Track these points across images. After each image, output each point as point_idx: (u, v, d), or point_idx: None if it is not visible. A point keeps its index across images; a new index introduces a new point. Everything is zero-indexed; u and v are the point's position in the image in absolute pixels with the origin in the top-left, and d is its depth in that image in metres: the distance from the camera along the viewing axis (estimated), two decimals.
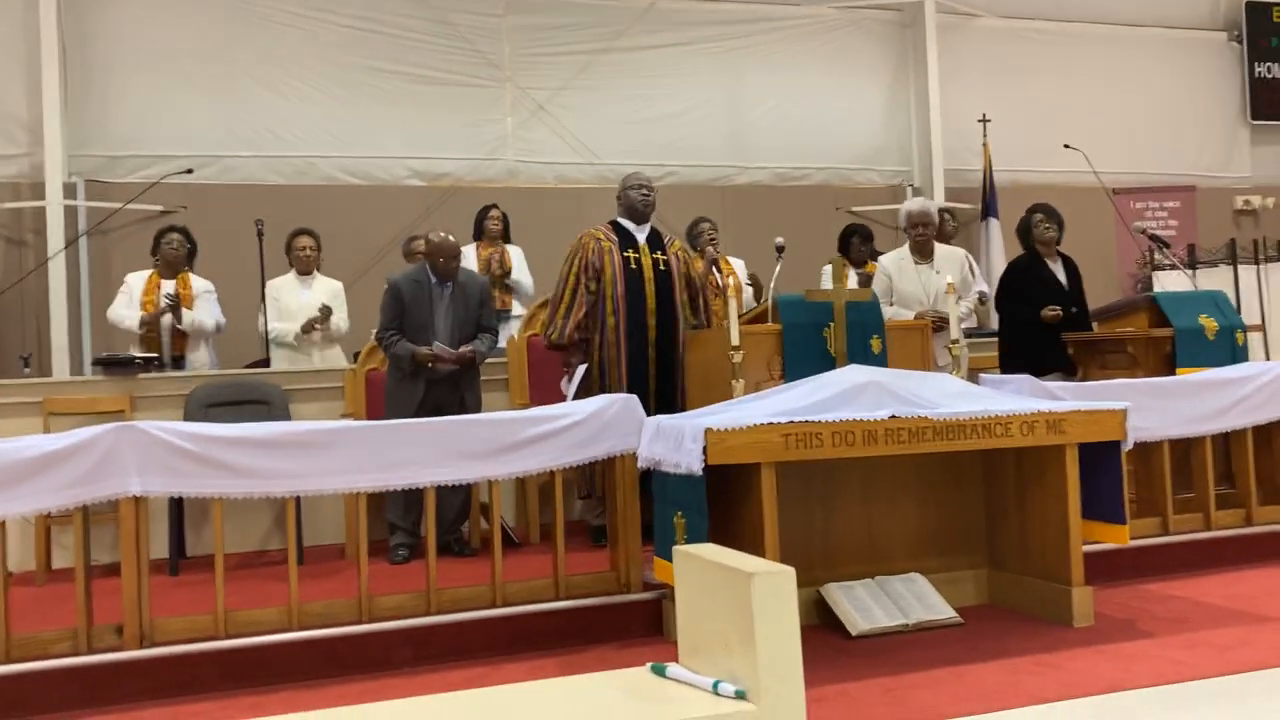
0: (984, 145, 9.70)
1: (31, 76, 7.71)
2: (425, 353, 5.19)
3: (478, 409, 5.38)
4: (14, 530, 4.60)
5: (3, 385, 5.76)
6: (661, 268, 5.39)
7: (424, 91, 8.61)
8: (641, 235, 5.45)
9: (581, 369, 5.28)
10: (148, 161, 7.94)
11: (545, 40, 8.93)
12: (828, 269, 7.35)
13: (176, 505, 5.46)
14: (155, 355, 5.97)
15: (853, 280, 6.97)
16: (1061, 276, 6.01)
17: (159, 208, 7.79)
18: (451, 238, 5.37)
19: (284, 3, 8.32)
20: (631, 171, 5.66)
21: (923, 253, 5.94)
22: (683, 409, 5.30)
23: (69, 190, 7.74)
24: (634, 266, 5.34)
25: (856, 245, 7.30)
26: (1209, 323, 5.48)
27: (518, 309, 7.02)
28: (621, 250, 5.36)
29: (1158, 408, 4.83)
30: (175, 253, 6.28)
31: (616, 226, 5.47)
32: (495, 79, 8.77)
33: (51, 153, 7.63)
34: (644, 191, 5.47)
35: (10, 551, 3.86)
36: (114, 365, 5.78)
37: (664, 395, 5.25)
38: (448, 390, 5.31)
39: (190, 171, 7.34)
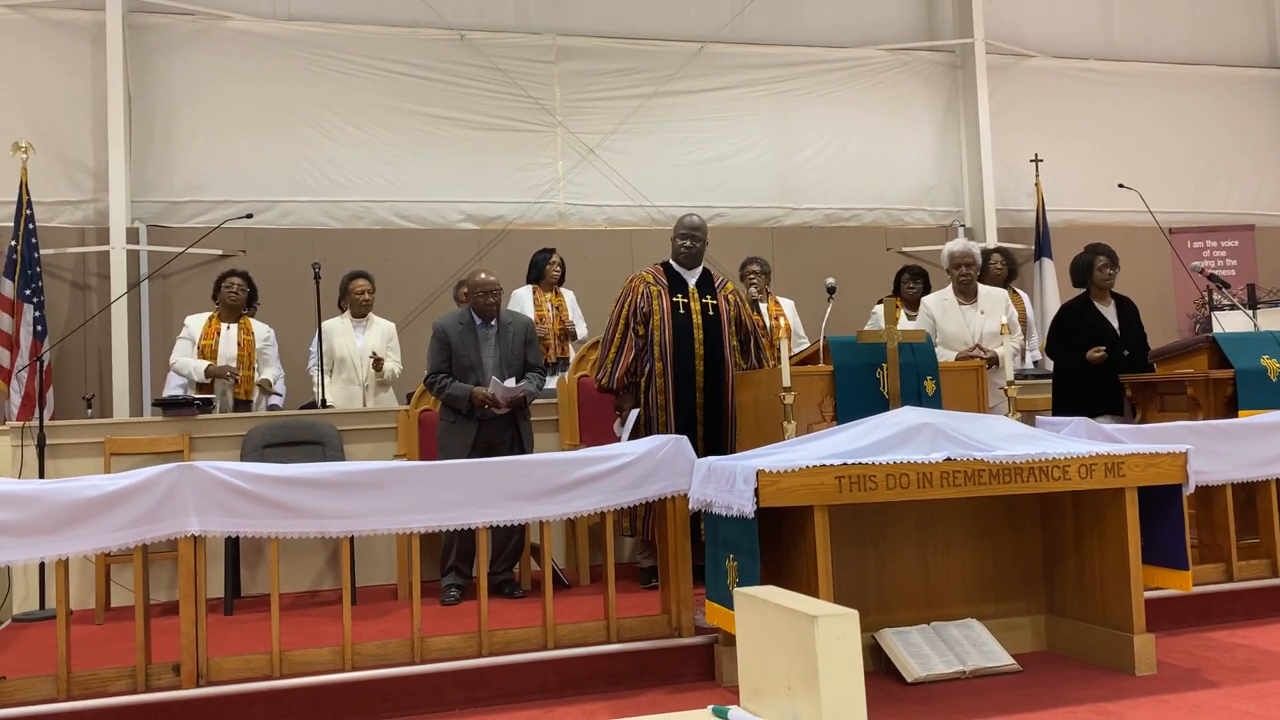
0: (1036, 185, 9.66)
1: (98, 126, 7.95)
2: (484, 393, 5.23)
3: (531, 447, 5.42)
4: (74, 568, 4.68)
5: (67, 426, 5.89)
6: (710, 312, 5.37)
7: (476, 137, 8.75)
8: (692, 279, 5.46)
9: (634, 413, 5.28)
10: (208, 207, 8.14)
11: (595, 85, 9.05)
12: (878, 309, 7.34)
13: (232, 545, 5.52)
14: (213, 396, 6.07)
15: (904, 320, 6.94)
16: (1113, 319, 5.94)
17: (218, 252, 7.97)
18: (491, 276, 5.42)
19: (340, 52, 8.52)
20: (684, 214, 5.64)
21: (966, 293, 5.90)
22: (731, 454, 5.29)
23: (132, 235, 7.94)
24: (682, 311, 5.34)
25: (906, 283, 7.28)
26: (1271, 364, 5.37)
27: (573, 354, 7.06)
28: (671, 294, 5.37)
29: (1219, 451, 4.73)
30: (236, 297, 6.37)
31: (668, 269, 5.49)
32: (546, 124, 8.89)
33: (116, 199, 7.85)
34: (688, 243, 5.44)
35: (71, 590, 3.92)
36: (173, 406, 5.89)
37: (712, 441, 5.21)
38: (500, 429, 5.34)
39: (250, 216, 7.50)
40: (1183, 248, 9.77)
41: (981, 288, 5.96)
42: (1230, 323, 7.28)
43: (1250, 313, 7.53)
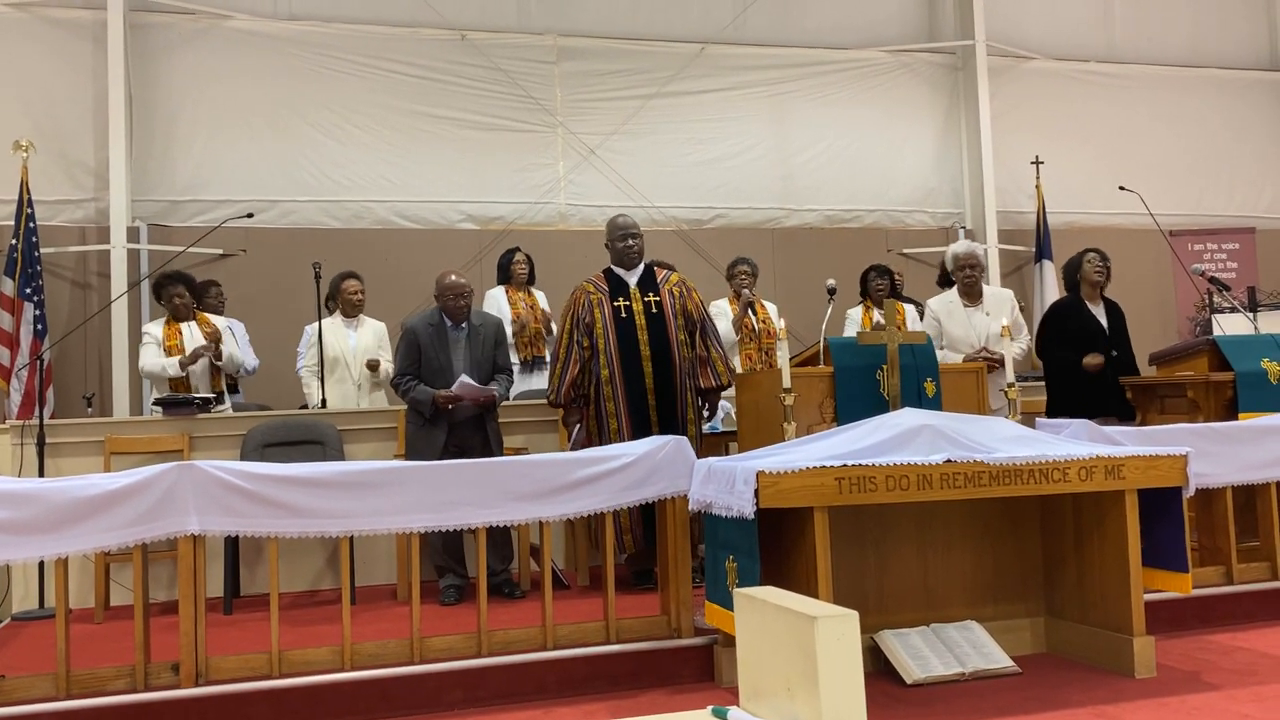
0: (1037, 187, 9.66)
1: (99, 124, 7.95)
2: (445, 395, 5.22)
3: (500, 448, 5.41)
4: (74, 567, 4.68)
5: (66, 425, 5.89)
6: (654, 310, 5.36)
7: (477, 137, 8.75)
8: (633, 279, 5.44)
9: (576, 428, 5.30)
10: (208, 206, 8.14)
11: (596, 86, 9.05)
12: (852, 313, 7.33)
13: (232, 544, 5.52)
14: (210, 396, 6.06)
15: (876, 319, 6.94)
16: (1103, 320, 5.94)
17: (219, 251, 7.97)
18: (461, 279, 5.40)
19: (341, 52, 8.52)
20: (616, 216, 5.61)
21: (971, 295, 5.90)
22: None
23: (132, 234, 7.93)
24: (624, 315, 5.33)
25: (874, 280, 7.27)
26: (1272, 366, 5.37)
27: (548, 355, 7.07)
28: (612, 299, 5.36)
29: (1219, 453, 4.72)
30: (183, 302, 6.29)
31: (609, 274, 5.48)
32: (547, 124, 8.89)
33: (116, 198, 7.84)
34: (630, 242, 5.42)
35: (70, 588, 3.92)
36: (173, 405, 5.89)
37: None
38: (471, 432, 5.33)
39: (250, 216, 7.50)
40: (1183, 250, 9.77)
41: (986, 289, 5.96)
42: (1231, 325, 7.27)
43: (1251, 315, 7.52)
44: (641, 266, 5.48)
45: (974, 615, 4.22)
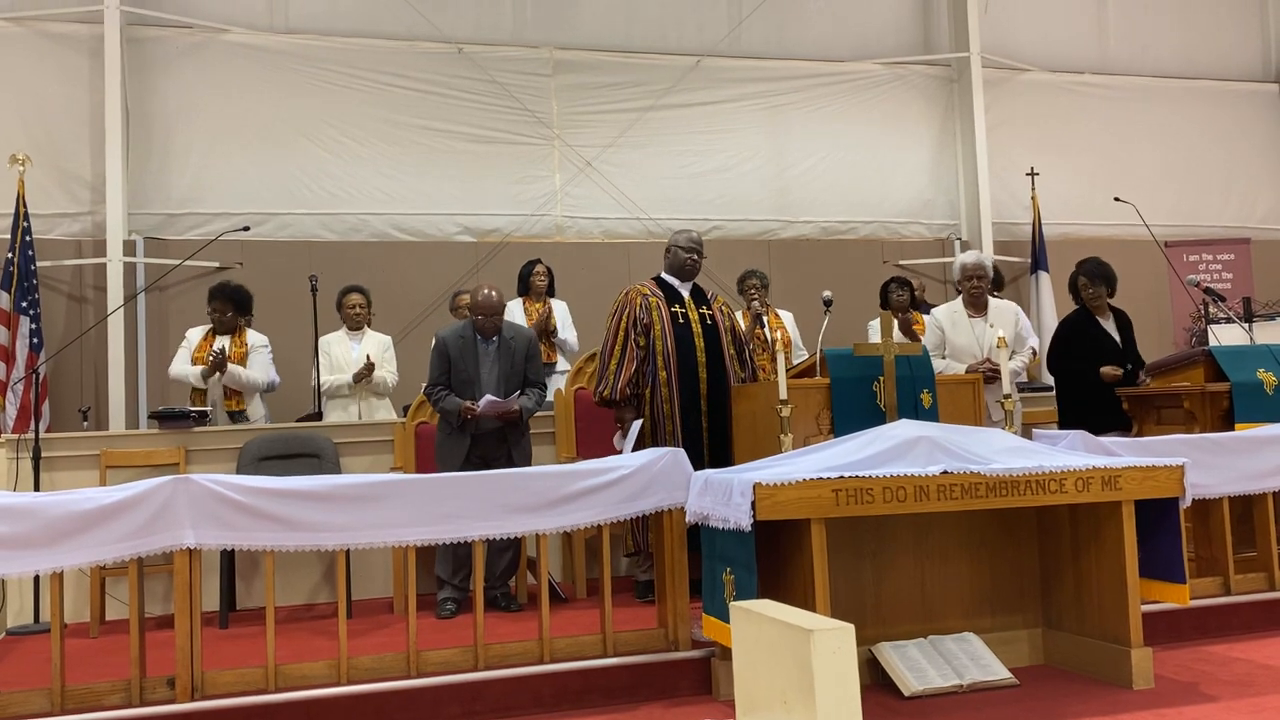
0: (1032, 199, 9.68)
1: (95, 138, 7.96)
2: (466, 405, 5.23)
3: (526, 462, 5.39)
4: (69, 581, 4.67)
5: (62, 438, 5.87)
6: (708, 322, 5.42)
7: (474, 150, 8.77)
8: (685, 291, 5.49)
9: (636, 424, 5.27)
10: (205, 219, 8.14)
11: (592, 99, 9.07)
12: (874, 324, 7.35)
13: (227, 558, 5.51)
14: (207, 409, 6.06)
15: (897, 332, 6.95)
16: (1114, 333, 5.94)
17: (215, 264, 7.97)
18: (495, 294, 5.40)
19: (338, 65, 8.54)
20: (684, 229, 5.68)
21: (976, 306, 5.90)
22: (735, 462, 5.28)
23: (129, 248, 7.94)
24: (681, 321, 5.36)
25: (894, 292, 7.28)
26: (1267, 377, 5.37)
27: (562, 364, 7.05)
28: (668, 305, 5.39)
29: (1216, 464, 4.72)
30: (220, 318, 6.33)
31: (661, 282, 5.50)
32: (544, 137, 8.91)
33: (113, 211, 7.84)
34: (694, 256, 5.49)
35: (65, 603, 3.91)
36: (169, 419, 5.88)
37: (717, 448, 5.24)
38: (495, 444, 5.33)
39: (247, 229, 7.49)
40: (1179, 261, 9.78)
41: (992, 301, 5.96)
42: (1226, 336, 7.29)
43: (1246, 326, 7.54)
44: (692, 282, 5.54)
45: (971, 627, 4.21)
